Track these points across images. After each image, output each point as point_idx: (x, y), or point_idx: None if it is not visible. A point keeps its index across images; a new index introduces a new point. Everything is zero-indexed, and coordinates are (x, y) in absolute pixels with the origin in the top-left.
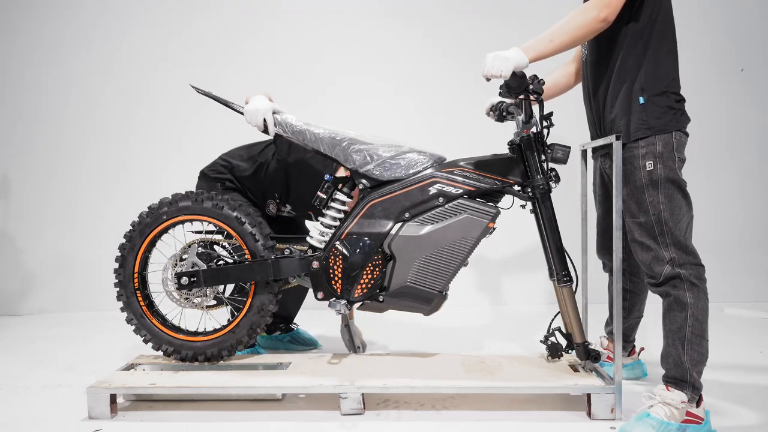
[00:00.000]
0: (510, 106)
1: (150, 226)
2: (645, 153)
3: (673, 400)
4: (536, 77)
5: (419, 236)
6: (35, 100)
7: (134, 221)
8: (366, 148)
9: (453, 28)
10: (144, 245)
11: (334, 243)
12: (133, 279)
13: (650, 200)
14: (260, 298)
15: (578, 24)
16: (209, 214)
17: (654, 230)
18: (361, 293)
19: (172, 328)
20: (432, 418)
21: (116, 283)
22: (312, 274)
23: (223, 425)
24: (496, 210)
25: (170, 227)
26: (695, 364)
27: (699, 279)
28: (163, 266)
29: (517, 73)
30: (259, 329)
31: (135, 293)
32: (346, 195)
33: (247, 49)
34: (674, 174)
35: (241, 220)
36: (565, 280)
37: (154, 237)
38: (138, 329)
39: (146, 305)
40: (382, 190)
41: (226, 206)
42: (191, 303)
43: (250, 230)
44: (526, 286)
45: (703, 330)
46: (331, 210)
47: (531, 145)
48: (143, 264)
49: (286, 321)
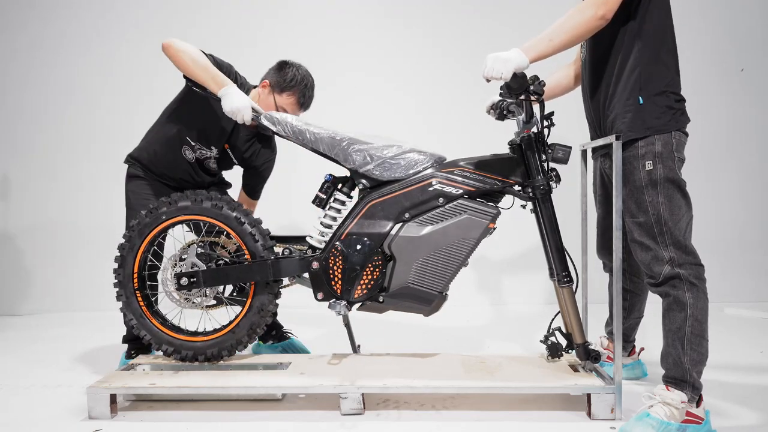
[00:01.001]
0: (511, 104)
1: (149, 226)
2: (644, 153)
3: (673, 400)
4: (537, 78)
5: (419, 237)
6: (35, 100)
7: (133, 222)
8: (366, 148)
9: (453, 28)
10: (143, 245)
11: (333, 243)
12: (132, 279)
13: (650, 200)
14: (260, 298)
15: (577, 22)
16: (208, 214)
17: (653, 230)
18: (361, 294)
19: (172, 328)
20: (432, 418)
21: (116, 283)
22: (312, 274)
23: (223, 425)
24: (497, 210)
25: (169, 227)
26: (695, 364)
27: (698, 279)
28: (162, 266)
29: (517, 74)
30: (259, 329)
31: (134, 293)
32: (345, 195)
33: (247, 49)
34: (674, 174)
35: (240, 220)
36: (566, 280)
37: (154, 237)
38: (138, 329)
39: (146, 305)
40: (382, 191)
41: (225, 206)
42: (191, 303)
43: (249, 230)
44: (526, 286)
45: (703, 330)
46: (330, 210)
47: (532, 145)
48: (142, 264)
49: (275, 328)
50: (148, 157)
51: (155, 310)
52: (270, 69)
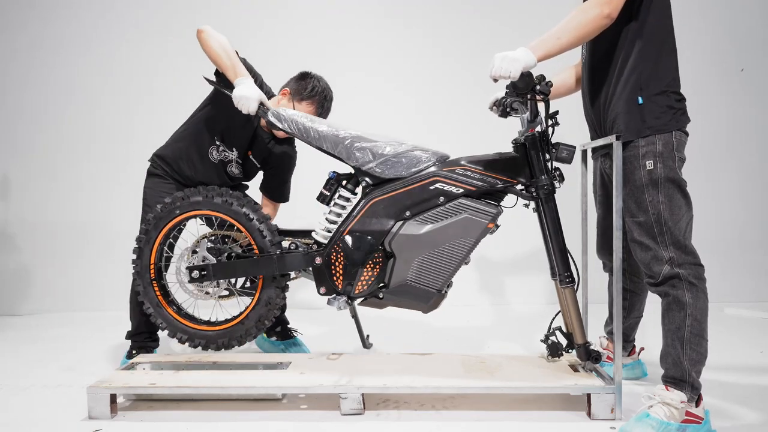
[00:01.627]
0: (514, 102)
1: (164, 219)
2: (645, 152)
3: (672, 400)
4: (543, 77)
5: (419, 235)
6: (35, 100)
7: (149, 215)
8: (369, 146)
9: (453, 28)
10: (159, 238)
11: (336, 239)
12: (149, 270)
13: (650, 200)
14: (267, 291)
15: (583, 21)
16: (219, 209)
17: (653, 230)
18: (362, 290)
19: (187, 317)
20: (432, 418)
21: (133, 274)
22: (315, 269)
23: (223, 425)
24: (497, 210)
25: (184, 221)
26: (694, 364)
27: (698, 279)
28: (177, 258)
29: (524, 73)
30: (267, 321)
31: (152, 283)
32: (349, 192)
33: (247, 49)
34: (674, 173)
35: (249, 216)
36: (568, 281)
37: (169, 230)
38: (155, 317)
39: (162, 295)
40: (385, 188)
41: (235, 203)
42: (203, 294)
43: (258, 226)
44: (527, 286)
45: (702, 330)
46: (335, 206)
47: (536, 144)
48: (159, 256)
49: (280, 324)
50: (173, 155)
51: (171, 299)
52: (291, 78)
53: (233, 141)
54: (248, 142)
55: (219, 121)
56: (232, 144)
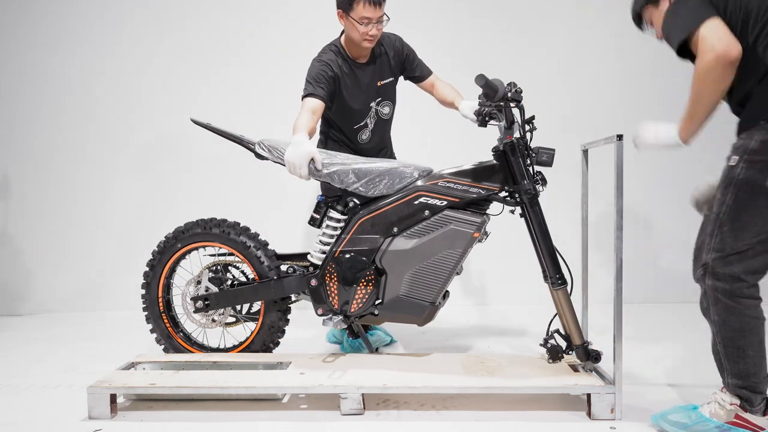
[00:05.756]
0: (492, 111)
1: (167, 253)
2: (739, 145)
3: (723, 401)
4: (514, 84)
5: (408, 250)
6: (35, 100)
7: (155, 250)
8: (352, 168)
9: (453, 28)
10: (164, 272)
11: (329, 260)
12: (157, 303)
13: (719, 197)
14: (270, 316)
15: (703, 78)
16: (217, 240)
17: (710, 226)
18: (358, 308)
19: (195, 345)
20: (432, 418)
21: (144, 308)
22: (311, 291)
23: (223, 425)
24: (482, 219)
25: (186, 254)
26: (737, 377)
27: (731, 296)
28: (182, 291)
29: (493, 81)
30: (272, 345)
31: (161, 316)
32: (340, 213)
33: (247, 48)
34: (756, 177)
35: (246, 244)
36: (560, 282)
37: (173, 263)
38: (167, 349)
39: (171, 326)
40: (371, 207)
41: (232, 232)
42: (210, 322)
43: (255, 253)
44: (527, 286)
45: (740, 346)
46: (327, 228)
47: (515, 150)
48: (166, 288)
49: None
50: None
51: (180, 329)
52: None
53: (363, 111)
54: (373, 87)
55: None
56: (366, 111)
